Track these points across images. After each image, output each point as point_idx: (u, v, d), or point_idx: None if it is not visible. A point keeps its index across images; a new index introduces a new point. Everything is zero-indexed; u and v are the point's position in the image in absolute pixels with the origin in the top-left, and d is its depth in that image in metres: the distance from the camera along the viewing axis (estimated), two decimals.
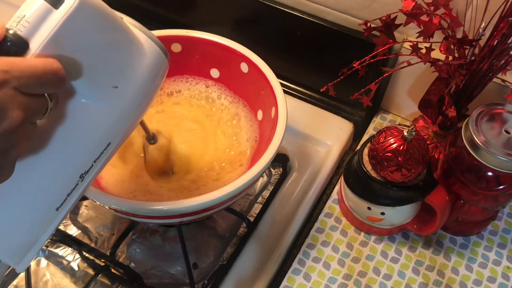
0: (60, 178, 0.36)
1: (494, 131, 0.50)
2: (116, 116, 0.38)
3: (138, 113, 0.41)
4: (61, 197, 0.37)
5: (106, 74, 0.37)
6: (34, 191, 0.35)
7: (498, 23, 0.49)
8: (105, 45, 0.35)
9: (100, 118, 0.37)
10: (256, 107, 0.62)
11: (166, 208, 0.46)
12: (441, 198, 0.53)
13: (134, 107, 0.40)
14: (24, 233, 0.36)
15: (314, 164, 0.67)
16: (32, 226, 0.36)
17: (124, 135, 0.41)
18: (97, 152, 0.38)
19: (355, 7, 0.65)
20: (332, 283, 0.57)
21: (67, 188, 0.37)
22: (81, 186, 0.38)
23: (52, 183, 0.36)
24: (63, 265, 0.59)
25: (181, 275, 0.58)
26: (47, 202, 0.36)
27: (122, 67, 0.38)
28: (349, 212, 0.60)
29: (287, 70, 0.75)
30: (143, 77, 0.39)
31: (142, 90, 0.40)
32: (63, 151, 0.36)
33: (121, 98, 0.38)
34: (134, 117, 0.41)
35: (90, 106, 0.36)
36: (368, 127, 0.72)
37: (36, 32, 0.31)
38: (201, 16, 0.78)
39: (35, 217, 0.36)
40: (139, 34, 0.39)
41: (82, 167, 0.37)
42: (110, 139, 0.39)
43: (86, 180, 0.38)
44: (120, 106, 0.38)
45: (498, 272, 0.58)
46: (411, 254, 0.59)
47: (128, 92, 0.38)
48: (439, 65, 0.52)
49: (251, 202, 0.65)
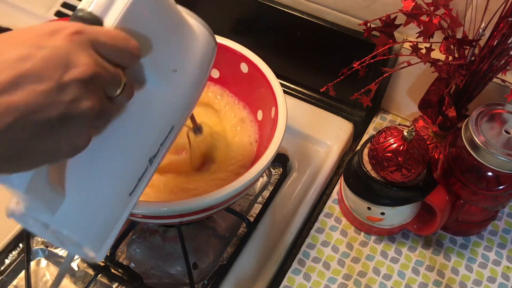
0: (131, 162, 0.37)
1: (494, 131, 0.50)
2: (177, 99, 0.39)
3: (196, 95, 0.42)
4: (134, 181, 0.37)
5: (166, 58, 0.37)
6: (109, 175, 0.36)
7: (498, 23, 0.49)
8: (164, 29, 0.36)
9: (163, 102, 0.38)
10: (256, 107, 0.62)
11: (166, 208, 0.46)
12: (441, 198, 0.53)
13: (192, 89, 0.41)
14: (102, 219, 0.36)
15: (314, 164, 0.67)
16: (109, 211, 0.36)
17: (185, 119, 0.42)
18: (162, 136, 0.39)
19: (355, 7, 0.65)
20: (332, 283, 0.57)
21: (138, 172, 0.37)
22: (150, 171, 0.39)
23: (124, 167, 0.37)
24: None
25: (181, 275, 0.58)
26: (122, 186, 0.37)
27: (180, 51, 0.39)
28: (349, 212, 0.60)
29: (287, 70, 0.75)
30: (198, 60, 0.40)
31: (198, 73, 0.41)
32: (131, 135, 0.37)
33: (181, 81, 0.39)
34: (192, 100, 0.42)
35: (153, 91, 0.37)
36: (368, 127, 0.72)
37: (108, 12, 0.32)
38: (201, 16, 0.78)
39: (111, 202, 0.36)
40: (190, 19, 0.40)
41: (150, 151, 0.38)
42: (174, 123, 0.39)
43: (154, 164, 0.39)
44: (180, 89, 0.39)
45: (498, 272, 0.58)
46: (411, 254, 0.59)
47: (186, 75, 0.39)
48: (439, 65, 0.52)
49: (251, 202, 0.65)
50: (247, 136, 0.61)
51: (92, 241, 0.35)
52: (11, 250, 0.59)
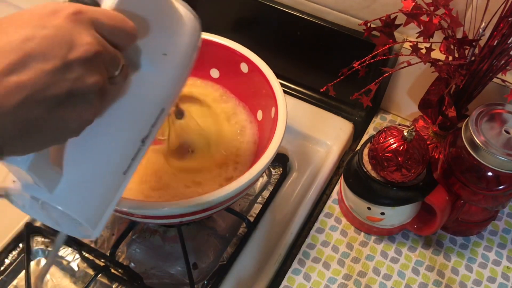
0: (126, 142, 0.38)
1: (494, 131, 0.50)
2: (167, 82, 0.40)
3: (184, 78, 0.43)
4: (127, 161, 0.38)
5: (157, 42, 0.38)
6: (104, 154, 0.37)
7: (498, 23, 0.49)
8: (156, 14, 0.37)
9: (154, 85, 0.39)
10: (256, 107, 0.62)
11: (166, 209, 0.46)
12: (441, 198, 0.53)
13: (181, 72, 0.42)
14: (98, 196, 0.37)
15: (314, 164, 0.67)
16: (104, 189, 0.37)
17: (173, 101, 0.43)
18: (154, 117, 0.40)
19: (355, 7, 0.65)
20: (332, 283, 0.57)
21: (131, 152, 0.39)
22: (142, 151, 0.40)
23: (119, 146, 0.38)
24: (63, 265, 0.59)
25: (181, 275, 0.58)
26: (116, 165, 0.38)
27: (170, 35, 0.40)
28: (349, 212, 0.60)
29: (287, 70, 0.75)
30: (186, 44, 0.41)
31: (186, 56, 0.42)
32: (125, 116, 0.38)
33: (170, 64, 0.40)
34: (181, 83, 0.43)
35: (144, 74, 0.38)
36: (368, 127, 0.72)
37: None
38: (201, 16, 0.78)
39: (107, 181, 0.37)
40: (176, 4, 0.41)
41: (142, 132, 0.39)
42: (163, 105, 0.40)
43: (146, 145, 0.40)
44: (170, 73, 0.40)
45: (498, 272, 0.58)
46: (411, 254, 0.59)
47: (175, 58, 0.41)
48: (439, 65, 0.52)
49: (251, 202, 0.65)
50: (244, 136, 0.62)
51: (89, 218, 0.36)
52: (11, 250, 0.59)
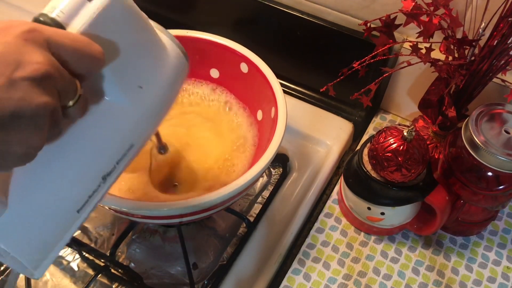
0: (82, 178, 0.35)
1: (494, 131, 0.50)
2: (140, 117, 0.38)
3: (160, 116, 0.41)
4: (83, 198, 0.35)
5: (133, 73, 0.36)
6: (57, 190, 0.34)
7: (498, 23, 0.49)
8: (133, 43, 0.35)
9: (124, 118, 0.37)
10: (255, 107, 0.62)
11: (166, 208, 0.46)
12: (441, 198, 0.53)
13: (157, 109, 0.39)
14: (44, 235, 0.34)
15: (314, 164, 0.67)
16: (52, 227, 0.34)
17: (146, 138, 0.41)
18: (119, 153, 0.37)
19: (355, 7, 0.65)
20: (332, 283, 0.57)
21: (88, 189, 0.36)
22: (103, 189, 0.37)
23: (74, 183, 0.35)
24: (63, 265, 0.59)
25: (181, 275, 0.58)
26: (69, 202, 0.35)
27: (148, 68, 0.37)
28: (349, 212, 0.60)
29: (287, 70, 0.75)
30: (166, 79, 0.39)
31: (165, 92, 0.39)
32: (85, 150, 0.35)
33: (145, 99, 0.38)
34: (156, 120, 0.40)
35: (114, 105, 0.36)
36: (368, 127, 0.72)
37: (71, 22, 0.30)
38: (201, 16, 0.78)
39: (55, 218, 0.34)
40: (162, 36, 0.39)
41: (104, 168, 0.36)
42: (133, 141, 0.38)
43: (107, 182, 0.37)
44: (144, 107, 0.38)
45: (498, 272, 0.58)
46: (411, 254, 0.59)
47: (152, 93, 0.38)
48: (439, 65, 0.52)
49: (251, 202, 0.65)
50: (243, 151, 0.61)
51: (31, 258, 0.33)
52: None
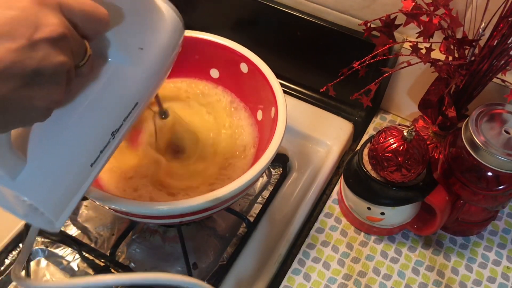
0: (94, 134, 0.38)
1: (494, 131, 0.50)
2: (142, 77, 0.40)
3: (161, 76, 0.43)
4: (95, 153, 0.38)
5: (133, 35, 0.38)
6: (72, 144, 0.37)
7: (498, 23, 0.49)
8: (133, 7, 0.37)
9: (128, 79, 0.39)
10: (255, 107, 0.62)
11: (166, 208, 0.46)
12: (441, 198, 0.53)
13: (158, 69, 0.42)
14: (63, 186, 0.36)
15: (314, 164, 0.67)
16: (70, 179, 0.37)
17: (149, 97, 0.43)
18: (126, 111, 0.40)
19: (355, 7, 0.65)
20: (332, 283, 0.57)
21: (100, 144, 0.38)
22: (113, 144, 0.39)
23: (87, 138, 0.38)
24: (63, 265, 0.59)
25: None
26: (83, 156, 0.37)
27: (147, 30, 0.40)
28: (349, 212, 0.60)
29: (287, 70, 0.75)
30: (165, 41, 0.41)
31: (164, 53, 0.42)
32: (95, 108, 0.37)
33: (146, 59, 0.40)
34: (158, 80, 0.43)
35: (118, 67, 0.38)
36: (368, 127, 0.72)
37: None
38: (201, 16, 0.78)
39: (72, 170, 0.37)
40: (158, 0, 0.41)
41: (113, 125, 0.39)
42: (137, 99, 0.40)
43: (116, 138, 0.40)
44: (145, 68, 0.40)
45: (498, 272, 0.58)
46: (411, 254, 0.59)
47: (152, 54, 0.40)
48: (439, 65, 0.52)
49: (251, 202, 0.65)
50: (242, 137, 0.62)
51: (51, 208, 0.36)
52: (11, 250, 0.59)
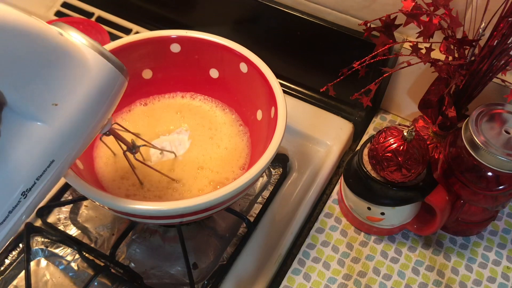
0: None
1: (494, 131, 0.50)
2: (59, 134, 0.38)
3: (89, 130, 0.40)
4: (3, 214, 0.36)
5: (41, 90, 0.36)
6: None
7: (498, 23, 0.49)
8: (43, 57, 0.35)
9: (40, 136, 0.37)
10: (255, 107, 0.61)
11: (165, 208, 0.46)
12: (441, 198, 0.53)
13: (81, 124, 0.39)
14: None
15: (314, 164, 0.67)
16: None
17: (74, 151, 0.40)
18: (39, 170, 0.37)
19: (355, 7, 0.65)
20: (332, 283, 0.57)
21: (7, 204, 0.36)
22: (24, 204, 0.37)
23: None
24: (63, 265, 0.59)
25: (181, 275, 0.58)
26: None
27: (60, 84, 0.37)
28: (349, 212, 0.60)
29: (287, 70, 0.75)
30: (89, 94, 0.38)
31: (90, 107, 0.39)
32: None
33: (63, 116, 0.37)
34: (84, 134, 0.40)
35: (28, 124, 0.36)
36: (368, 127, 0.72)
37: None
38: (200, 16, 0.78)
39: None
40: (85, 49, 0.38)
41: (22, 184, 0.36)
42: (54, 157, 0.38)
43: (29, 198, 0.37)
44: (62, 124, 0.38)
45: (498, 272, 0.58)
46: (411, 254, 0.59)
47: (70, 110, 0.38)
48: (439, 65, 0.52)
49: (251, 202, 0.65)
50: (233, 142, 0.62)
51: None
52: (11, 250, 0.59)
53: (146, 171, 0.58)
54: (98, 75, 0.39)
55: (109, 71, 0.39)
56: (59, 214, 0.63)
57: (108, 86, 0.40)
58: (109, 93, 0.40)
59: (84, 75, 0.38)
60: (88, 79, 0.38)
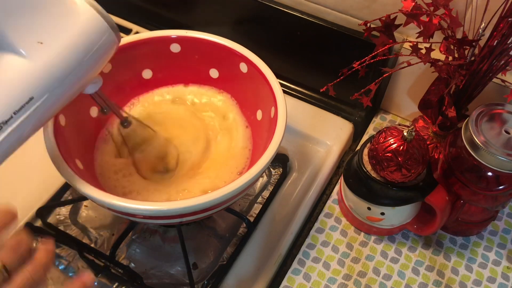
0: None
1: (494, 131, 0.50)
2: (40, 71, 0.39)
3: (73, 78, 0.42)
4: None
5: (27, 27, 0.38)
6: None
7: (498, 23, 0.49)
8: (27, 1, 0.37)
9: (21, 70, 0.38)
10: (255, 107, 0.61)
11: (165, 208, 0.46)
12: (441, 198, 0.53)
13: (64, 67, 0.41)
14: None
15: (314, 164, 0.67)
16: None
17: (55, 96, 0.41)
18: (17, 104, 0.38)
19: (355, 7, 0.65)
20: (332, 283, 0.57)
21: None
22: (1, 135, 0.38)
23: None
24: (63, 265, 0.59)
25: (181, 275, 0.58)
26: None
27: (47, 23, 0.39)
28: (349, 212, 0.60)
29: (287, 70, 0.75)
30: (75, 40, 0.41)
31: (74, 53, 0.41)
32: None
33: (46, 54, 0.39)
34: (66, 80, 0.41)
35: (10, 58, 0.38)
36: (368, 127, 0.72)
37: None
38: (200, 16, 0.78)
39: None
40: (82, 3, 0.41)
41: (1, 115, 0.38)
42: (33, 94, 0.39)
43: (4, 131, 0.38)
44: (45, 63, 0.39)
45: (498, 272, 0.58)
46: (411, 254, 0.59)
47: (55, 50, 0.40)
48: (439, 65, 0.52)
49: (251, 202, 0.65)
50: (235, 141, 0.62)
51: None
52: None
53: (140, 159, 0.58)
54: (88, 23, 0.41)
55: (100, 22, 0.42)
56: (59, 214, 0.63)
57: (96, 37, 0.42)
58: (96, 44, 0.42)
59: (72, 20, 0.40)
60: (77, 25, 0.41)
